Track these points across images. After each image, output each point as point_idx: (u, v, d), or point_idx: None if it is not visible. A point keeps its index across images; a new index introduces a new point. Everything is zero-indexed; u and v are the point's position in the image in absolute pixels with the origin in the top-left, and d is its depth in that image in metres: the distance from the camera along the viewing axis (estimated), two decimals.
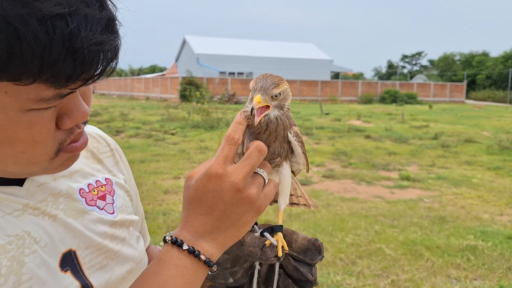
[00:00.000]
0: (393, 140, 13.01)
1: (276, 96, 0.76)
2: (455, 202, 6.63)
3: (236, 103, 30.59)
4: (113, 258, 0.76)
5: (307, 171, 0.90)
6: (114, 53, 0.54)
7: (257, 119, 0.73)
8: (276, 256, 0.78)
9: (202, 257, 0.66)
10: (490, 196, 6.94)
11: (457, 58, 78.03)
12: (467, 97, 50.94)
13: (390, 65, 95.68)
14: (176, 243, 0.66)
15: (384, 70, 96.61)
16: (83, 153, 0.81)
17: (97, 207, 0.77)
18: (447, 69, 75.55)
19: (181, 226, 0.68)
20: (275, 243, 0.79)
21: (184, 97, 26.85)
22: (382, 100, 39.38)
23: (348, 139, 13.07)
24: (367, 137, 13.61)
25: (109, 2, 0.54)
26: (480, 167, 9.31)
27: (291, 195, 0.92)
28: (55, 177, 0.72)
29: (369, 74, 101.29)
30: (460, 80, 60.63)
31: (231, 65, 44.32)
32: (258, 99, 0.73)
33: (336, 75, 56.10)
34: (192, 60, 43.43)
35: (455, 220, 5.70)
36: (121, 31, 0.55)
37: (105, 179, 0.82)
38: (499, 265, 4.32)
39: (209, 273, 0.70)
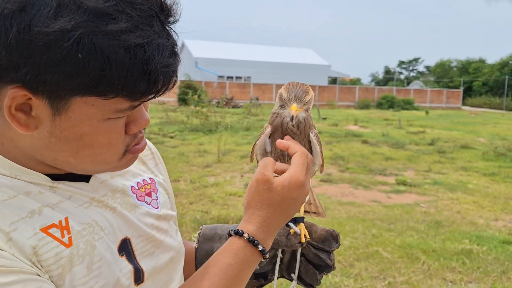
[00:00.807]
0: (390, 146, 13.12)
1: (307, 102, 0.88)
2: (451, 207, 6.72)
3: (234, 107, 30.64)
4: (159, 247, 0.87)
5: (321, 172, 1.00)
6: (176, 72, 0.65)
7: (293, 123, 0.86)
8: (300, 242, 0.89)
9: (267, 255, 0.79)
10: (485, 202, 7.03)
11: (453, 64, 78.51)
12: (464, 104, 51.18)
13: (387, 71, 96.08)
14: (254, 242, 0.77)
15: (381, 76, 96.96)
16: None
17: (145, 202, 0.87)
18: (443, 75, 75.92)
19: (257, 225, 0.78)
20: (298, 231, 0.90)
21: (182, 100, 26.90)
22: (379, 105, 39.56)
23: (345, 144, 13.16)
24: (364, 142, 13.71)
25: (173, 32, 0.66)
26: (476, 173, 9.42)
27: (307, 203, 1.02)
28: (112, 176, 0.83)
29: (366, 80, 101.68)
30: (457, 87, 60.92)
31: (229, 69, 44.46)
32: (295, 108, 0.85)
33: (333, 80, 56.32)
34: (190, 64, 43.52)
35: (451, 225, 5.80)
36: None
37: (150, 178, 0.93)
38: (493, 268, 4.41)
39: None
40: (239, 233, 0.77)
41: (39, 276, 0.64)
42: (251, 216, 0.78)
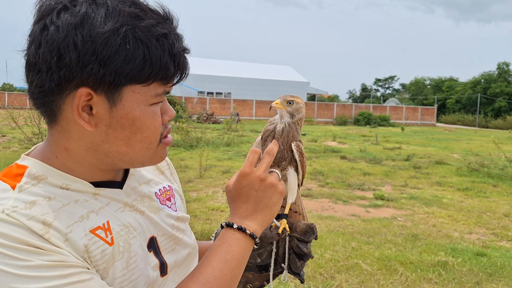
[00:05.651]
0: (367, 161, 13.39)
1: (290, 102, 1.03)
2: (426, 220, 6.93)
3: (214, 122, 30.72)
4: (179, 244, 1.00)
5: (301, 184, 1.13)
6: (188, 62, 0.83)
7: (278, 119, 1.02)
8: (277, 233, 1.04)
9: (248, 231, 0.92)
10: (459, 216, 7.27)
11: (427, 82, 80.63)
12: (438, 120, 52.58)
13: (364, 88, 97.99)
14: (229, 225, 0.92)
15: (358, 93, 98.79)
16: (152, 167, 1.07)
17: (166, 206, 1.02)
18: (418, 93, 77.87)
19: (231, 215, 0.96)
20: (278, 225, 1.05)
21: None
22: (357, 122, 40.31)
23: (324, 160, 13.38)
24: (343, 157, 13.96)
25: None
26: (450, 188, 9.71)
27: (295, 211, 1.15)
28: (140, 184, 0.97)
29: (343, 97, 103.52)
30: (431, 104, 62.59)
31: (210, 85, 44.66)
32: (276, 102, 1.02)
33: (312, 97, 57.10)
34: None
35: (427, 238, 5.99)
36: None
37: (168, 186, 1.08)
38: (468, 279, 4.59)
39: (255, 246, 0.94)
40: (221, 225, 0.95)
41: (89, 269, 0.77)
42: (231, 210, 0.97)
